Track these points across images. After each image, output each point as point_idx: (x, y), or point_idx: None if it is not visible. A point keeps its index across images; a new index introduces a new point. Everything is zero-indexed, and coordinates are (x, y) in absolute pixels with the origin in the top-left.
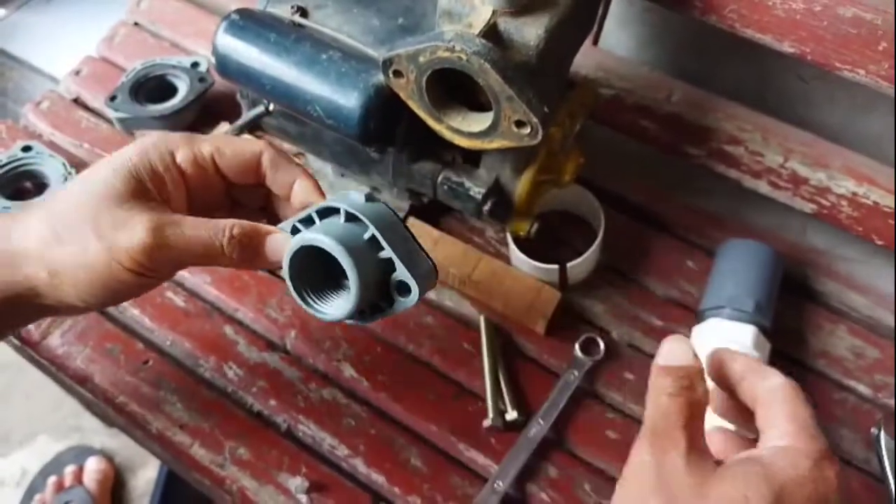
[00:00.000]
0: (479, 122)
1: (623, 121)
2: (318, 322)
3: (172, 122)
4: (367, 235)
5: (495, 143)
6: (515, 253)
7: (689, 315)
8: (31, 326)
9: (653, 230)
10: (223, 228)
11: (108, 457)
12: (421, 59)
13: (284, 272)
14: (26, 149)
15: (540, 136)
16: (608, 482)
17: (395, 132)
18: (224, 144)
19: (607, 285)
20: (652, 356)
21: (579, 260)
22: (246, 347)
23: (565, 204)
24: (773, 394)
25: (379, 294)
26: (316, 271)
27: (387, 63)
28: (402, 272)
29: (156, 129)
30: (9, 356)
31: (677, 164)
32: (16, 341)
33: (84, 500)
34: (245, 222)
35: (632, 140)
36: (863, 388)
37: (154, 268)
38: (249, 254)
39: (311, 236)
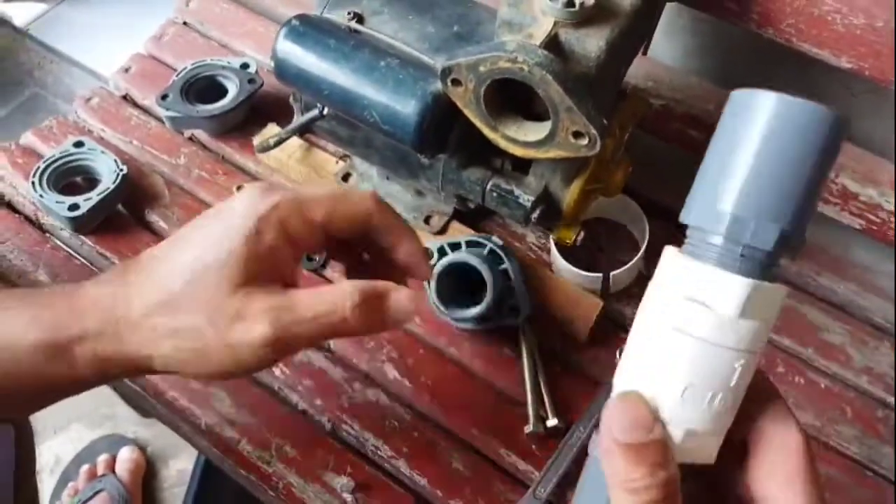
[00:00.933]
0: (536, 131)
1: (672, 131)
2: None
3: (222, 121)
4: (501, 267)
5: (551, 153)
6: (558, 260)
7: None
8: None
9: None
10: (344, 298)
11: (140, 447)
12: (481, 68)
13: (431, 287)
14: (78, 144)
15: (598, 148)
16: None
17: (448, 139)
18: (335, 206)
19: None
20: None
21: (624, 269)
22: None
23: (608, 212)
24: (785, 446)
25: (495, 309)
26: (449, 287)
27: (446, 71)
28: (518, 298)
29: (205, 128)
30: None
31: None
32: None
33: (116, 488)
34: (362, 283)
35: (676, 149)
36: None
37: (280, 355)
38: (375, 317)
39: (465, 256)
